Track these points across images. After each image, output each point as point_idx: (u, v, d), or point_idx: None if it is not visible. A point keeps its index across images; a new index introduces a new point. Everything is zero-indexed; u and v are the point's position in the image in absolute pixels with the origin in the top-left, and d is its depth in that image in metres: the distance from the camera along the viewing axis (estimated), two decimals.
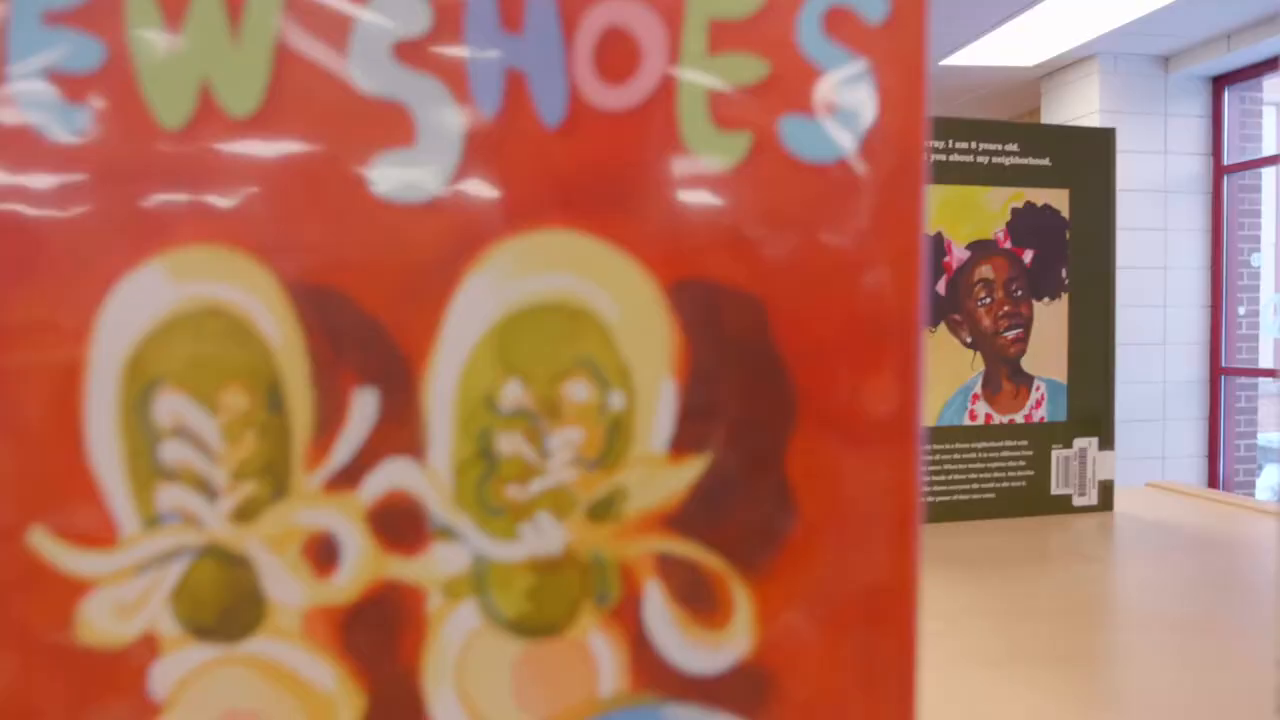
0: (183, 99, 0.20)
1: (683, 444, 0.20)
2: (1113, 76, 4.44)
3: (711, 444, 0.20)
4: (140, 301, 0.20)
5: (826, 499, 0.19)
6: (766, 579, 0.20)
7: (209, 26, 0.20)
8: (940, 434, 0.68)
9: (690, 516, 0.20)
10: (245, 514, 0.21)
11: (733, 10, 0.19)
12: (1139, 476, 3.87)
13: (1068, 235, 0.70)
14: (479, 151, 0.20)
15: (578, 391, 0.20)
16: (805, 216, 0.19)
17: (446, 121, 0.20)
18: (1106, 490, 0.71)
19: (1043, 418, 0.70)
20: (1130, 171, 4.39)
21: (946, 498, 0.68)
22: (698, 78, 0.19)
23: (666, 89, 0.19)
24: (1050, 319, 0.70)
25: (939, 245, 0.67)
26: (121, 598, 0.21)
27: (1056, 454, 0.70)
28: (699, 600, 0.20)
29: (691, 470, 0.20)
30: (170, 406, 0.21)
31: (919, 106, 0.19)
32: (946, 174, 0.67)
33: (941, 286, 0.67)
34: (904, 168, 0.19)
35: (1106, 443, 0.71)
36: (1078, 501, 0.71)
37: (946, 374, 0.68)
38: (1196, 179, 4.49)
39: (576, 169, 0.20)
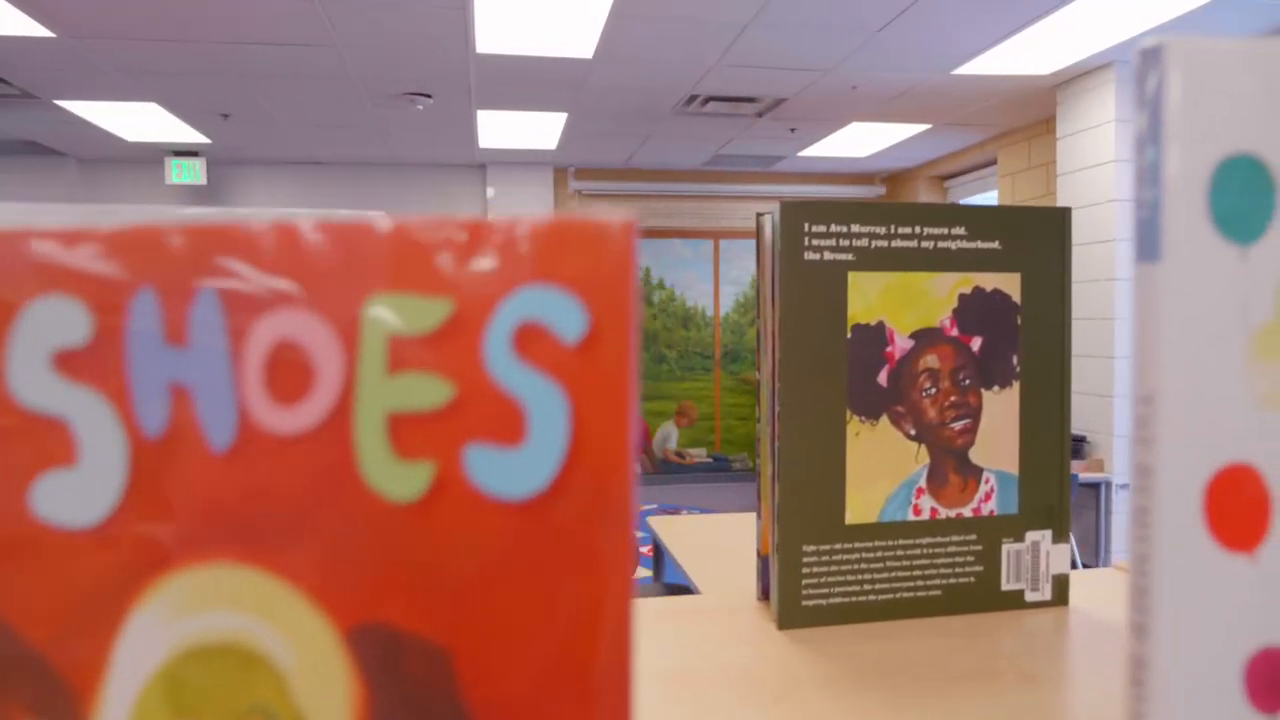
0: None
1: None
2: (1130, 84, 4.36)
3: None
4: None
5: None
6: None
7: None
8: (883, 530, 0.65)
9: None
10: None
11: (415, 325, 0.17)
12: None
13: (1019, 321, 0.67)
14: (144, 475, 0.18)
15: None
16: (495, 557, 0.17)
17: (109, 441, 0.18)
18: (1061, 585, 0.69)
19: (992, 511, 0.67)
20: None
21: (890, 595, 0.66)
22: (376, 400, 0.17)
23: (342, 412, 0.17)
24: (1000, 408, 0.67)
25: (880, 335, 0.65)
26: None
27: (1007, 548, 0.68)
28: None
29: None
30: None
31: (623, 433, 0.17)
32: (888, 260, 0.65)
33: (883, 378, 0.65)
34: (606, 502, 0.17)
35: (1061, 535, 0.69)
36: (1030, 597, 0.68)
37: (888, 469, 0.65)
38: None
39: (246, 498, 0.18)
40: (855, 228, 0.64)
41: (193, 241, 0.17)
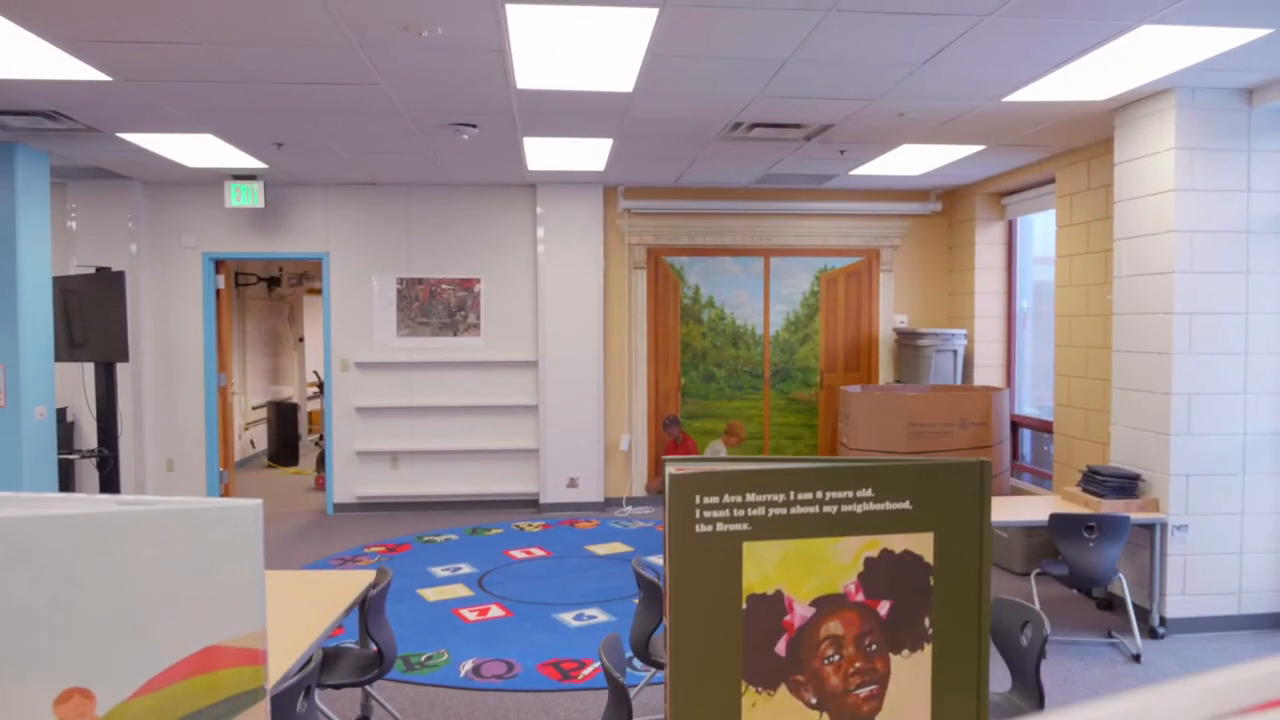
0: None
1: None
2: (1190, 111, 4.20)
3: None
4: None
5: None
6: None
7: None
8: None
9: None
10: None
11: None
12: (1216, 535, 3.75)
13: (932, 581, 0.65)
14: None
15: None
16: None
17: None
18: None
19: None
20: (1208, 211, 4.15)
21: None
22: None
23: None
24: (910, 672, 0.65)
25: (779, 604, 0.63)
26: None
27: None
28: None
29: None
30: None
31: None
32: (787, 528, 0.63)
33: (782, 647, 0.63)
34: None
35: None
36: None
37: None
38: None
39: None
40: (751, 496, 0.62)
41: None
